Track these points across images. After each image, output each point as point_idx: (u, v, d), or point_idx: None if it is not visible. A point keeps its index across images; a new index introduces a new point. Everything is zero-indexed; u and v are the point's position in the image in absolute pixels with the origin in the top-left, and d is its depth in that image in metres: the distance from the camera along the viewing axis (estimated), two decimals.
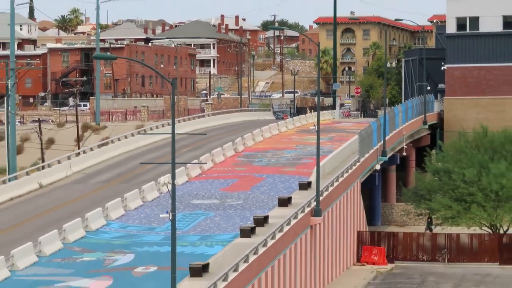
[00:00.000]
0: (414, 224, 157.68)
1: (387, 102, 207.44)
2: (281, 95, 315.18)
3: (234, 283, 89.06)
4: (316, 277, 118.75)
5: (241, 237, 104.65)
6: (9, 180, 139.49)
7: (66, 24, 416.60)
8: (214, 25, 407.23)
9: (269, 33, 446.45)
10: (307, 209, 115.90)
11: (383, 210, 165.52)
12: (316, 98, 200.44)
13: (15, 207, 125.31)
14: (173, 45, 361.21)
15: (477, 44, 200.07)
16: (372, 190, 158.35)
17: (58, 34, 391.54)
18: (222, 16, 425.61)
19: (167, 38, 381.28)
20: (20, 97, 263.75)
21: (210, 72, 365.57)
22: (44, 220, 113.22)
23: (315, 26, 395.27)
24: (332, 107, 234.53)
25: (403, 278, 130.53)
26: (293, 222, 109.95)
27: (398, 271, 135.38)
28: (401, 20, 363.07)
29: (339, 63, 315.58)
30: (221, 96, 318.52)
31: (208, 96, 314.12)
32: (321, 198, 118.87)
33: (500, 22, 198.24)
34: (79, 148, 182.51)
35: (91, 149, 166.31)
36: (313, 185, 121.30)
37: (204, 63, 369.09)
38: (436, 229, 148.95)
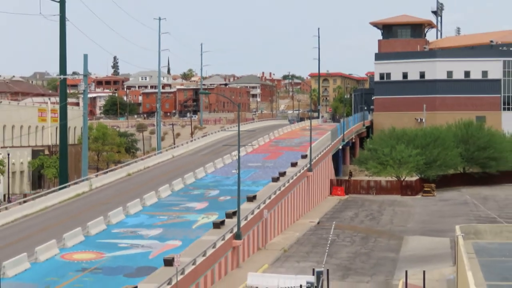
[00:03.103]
0: (359, 176, 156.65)
1: (345, 115, 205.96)
2: (292, 111, 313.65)
3: (269, 204, 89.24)
4: (310, 202, 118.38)
5: (272, 182, 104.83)
6: (157, 153, 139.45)
7: (186, 76, 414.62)
8: (259, 76, 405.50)
9: (286, 81, 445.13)
10: (305, 168, 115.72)
11: (343, 168, 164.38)
12: (309, 113, 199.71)
13: (160, 168, 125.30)
14: (238, 87, 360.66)
15: (390, 86, 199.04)
16: (337, 158, 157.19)
17: (182, 81, 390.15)
18: (263, 72, 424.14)
19: (235, 83, 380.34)
20: (162, 113, 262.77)
21: (257, 100, 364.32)
22: (176, 173, 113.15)
23: (309, 77, 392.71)
24: (317, 117, 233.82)
25: (353, 202, 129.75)
26: (298, 174, 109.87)
27: (350, 199, 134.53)
28: (352, 74, 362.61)
29: (321, 96, 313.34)
30: (262, 112, 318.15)
31: (256, 112, 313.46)
32: (312, 162, 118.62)
33: (401, 75, 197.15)
34: (191, 138, 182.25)
35: (198, 138, 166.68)
36: (308, 156, 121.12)
37: (254, 96, 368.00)
38: (369, 178, 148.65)
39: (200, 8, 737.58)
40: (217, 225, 77.43)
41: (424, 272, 67.60)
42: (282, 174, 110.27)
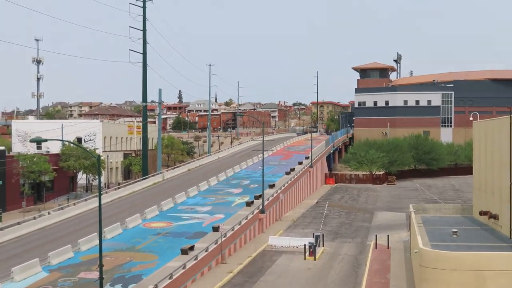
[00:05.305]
0: (344, 171, 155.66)
1: (335, 130, 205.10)
2: (298, 127, 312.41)
3: (284, 190, 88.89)
4: (311, 188, 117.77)
5: (286, 175, 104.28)
6: (208, 155, 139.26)
7: (227, 103, 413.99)
8: (276, 103, 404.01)
9: (295, 107, 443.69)
10: (308, 165, 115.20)
11: (333, 165, 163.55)
12: (310, 129, 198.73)
13: (209, 165, 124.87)
14: (263, 111, 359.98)
15: (365, 111, 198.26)
16: (329, 159, 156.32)
17: (225, 107, 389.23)
18: (279, 101, 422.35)
19: (261, 108, 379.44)
20: (211, 128, 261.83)
21: (275, 120, 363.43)
22: (220, 168, 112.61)
23: (310, 104, 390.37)
24: (316, 131, 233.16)
25: (340, 189, 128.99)
26: (303, 170, 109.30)
27: (338, 186, 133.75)
28: (339, 102, 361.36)
29: (318, 117, 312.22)
30: (279, 127, 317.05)
31: (274, 128, 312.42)
32: (312, 162, 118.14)
33: (372, 103, 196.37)
34: (231, 145, 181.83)
35: (235, 145, 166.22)
36: (310, 157, 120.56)
37: (273, 117, 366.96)
38: (351, 172, 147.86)
39: (237, 57, 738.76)
40: (249, 204, 77.72)
41: (388, 236, 67.49)
42: (292, 169, 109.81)
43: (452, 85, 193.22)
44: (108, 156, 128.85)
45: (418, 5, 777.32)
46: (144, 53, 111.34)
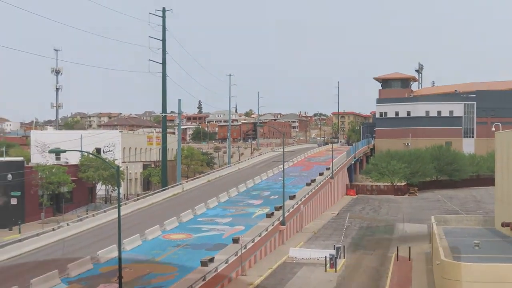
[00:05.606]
0: (365, 182, 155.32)
1: (356, 141, 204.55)
2: (319, 138, 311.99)
3: (304, 201, 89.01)
4: (331, 200, 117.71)
5: (306, 186, 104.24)
6: (228, 166, 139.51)
7: (248, 114, 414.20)
8: (297, 114, 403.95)
9: (315, 117, 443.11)
10: (329, 176, 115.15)
11: (354, 177, 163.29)
12: (331, 139, 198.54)
13: (229, 176, 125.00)
14: (283, 121, 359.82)
15: (386, 121, 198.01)
16: (350, 170, 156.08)
17: (245, 117, 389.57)
18: (300, 111, 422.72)
19: (281, 119, 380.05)
20: (231, 139, 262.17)
21: (296, 130, 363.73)
22: (241, 179, 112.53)
23: (331, 114, 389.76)
24: (337, 142, 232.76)
25: (361, 200, 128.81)
26: (324, 181, 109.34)
27: (359, 197, 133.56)
28: (361, 112, 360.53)
29: (339, 127, 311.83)
30: (299, 138, 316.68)
31: (295, 138, 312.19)
32: (333, 173, 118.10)
33: (394, 114, 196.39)
34: (251, 156, 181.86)
35: (256, 156, 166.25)
36: (331, 168, 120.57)
37: (294, 127, 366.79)
38: (372, 183, 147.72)
39: (257, 67, 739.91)
40: (269, 215, 77.69)
41: (409, 247, 67.37)
42: (313, 180, 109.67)
43: (474, 95, 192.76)
44: (127, 167, 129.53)
45: (440, 15, 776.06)
46: (164, 63, 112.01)
